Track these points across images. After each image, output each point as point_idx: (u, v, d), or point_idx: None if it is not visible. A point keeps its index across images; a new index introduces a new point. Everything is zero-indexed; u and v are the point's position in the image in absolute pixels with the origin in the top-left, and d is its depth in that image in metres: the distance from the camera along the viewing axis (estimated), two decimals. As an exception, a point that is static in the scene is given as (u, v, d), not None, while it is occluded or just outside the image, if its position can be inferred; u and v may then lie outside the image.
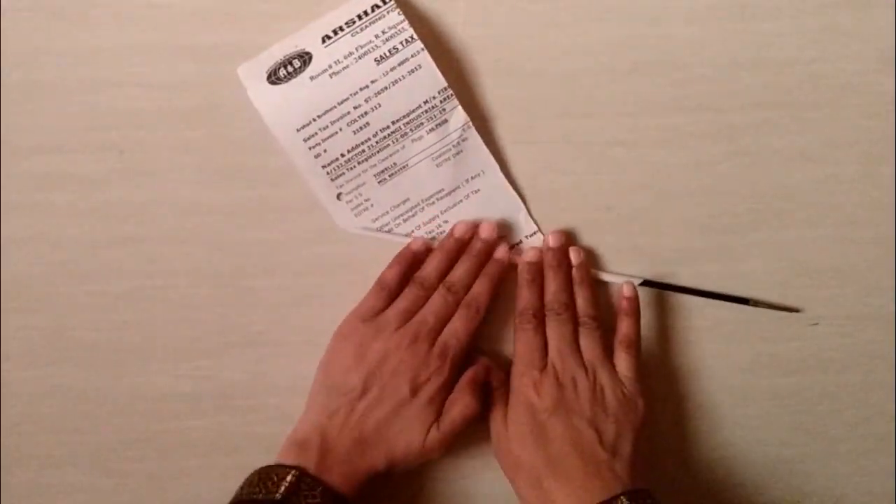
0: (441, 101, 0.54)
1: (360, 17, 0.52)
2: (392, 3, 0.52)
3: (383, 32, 0.52)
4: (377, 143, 0.54)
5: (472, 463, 0.55)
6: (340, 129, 0.53)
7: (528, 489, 0.49)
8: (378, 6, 0.52)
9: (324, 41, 0.53)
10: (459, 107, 0.54)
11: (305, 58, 0.53)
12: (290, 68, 0.53)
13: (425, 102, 0.54)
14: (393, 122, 0.54)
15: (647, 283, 0.54)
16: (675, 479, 0.55)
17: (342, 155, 0.54)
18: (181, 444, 0.54)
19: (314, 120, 0.53)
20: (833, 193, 0.55)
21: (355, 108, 0.53)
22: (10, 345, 0.54)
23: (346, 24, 0.52)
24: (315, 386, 0.52)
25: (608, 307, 0.54)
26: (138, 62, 0.54)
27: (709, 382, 0.55)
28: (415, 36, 0.52)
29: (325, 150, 0.53)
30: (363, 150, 0.54)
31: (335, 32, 0.53)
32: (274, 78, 0.52)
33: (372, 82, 0.53)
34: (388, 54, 0.53)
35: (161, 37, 0.54)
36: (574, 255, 0.53)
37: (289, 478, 0.46)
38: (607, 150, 0.55)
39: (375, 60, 0.53)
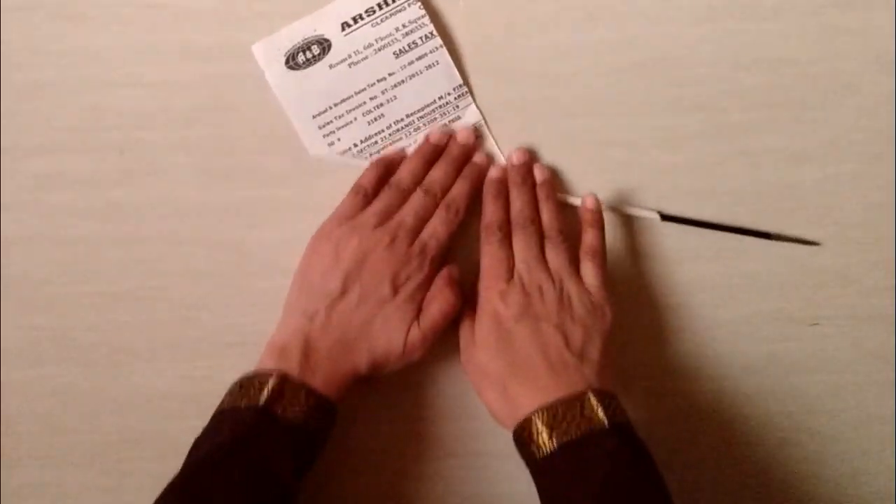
0: (456, 98, 0.54)
1: (379, 7, 0.53)
2: None
3: (403, 26, 0.53)
4: (391, 135, 0.54)
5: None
6: (355, 119, 0.54)
7: (494, 395, 0.48)
8: None
9: (343, 28, 0.53)
10: (473, 104, 0.54)
11: (325, 45, 0.53)
12: (308, 54, 0.53)
13: (440, 98, 0.54)
14: (407, 116, 0.54)
15: (665, 217, 0.54)
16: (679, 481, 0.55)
17: (355, 145, 0.54)
18: (181, 444, 0.54)
19: (330, 108, 0.54)
20: (833, 193, 0.55)
21: (371, 98, 0.54)
22: (10, 345, 0.54)
23: (366, 12, 0.53)
24: (292, 292, 0.51)
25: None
26: (138, 62, 0.54)
27: (709, 383, 0.55)
28: (434, 32, 0.53)
29: (338, 139, 0.54)
30: (376, 142, 0.54)
31: (355, 21, 0.53)
32: (292, 63, 0.53)
33: (389, 75, 0.53)
34: (407, 48, 0.53)
35: (161, 37, 0.54)
36: (538, 173, 0.53)
37: (271, 382, 0.46)
38: (607, 150, 0.55)
39: (394, 54, 0.53)
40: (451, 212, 0.52)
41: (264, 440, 0.44)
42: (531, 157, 0.54)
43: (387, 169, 0.53)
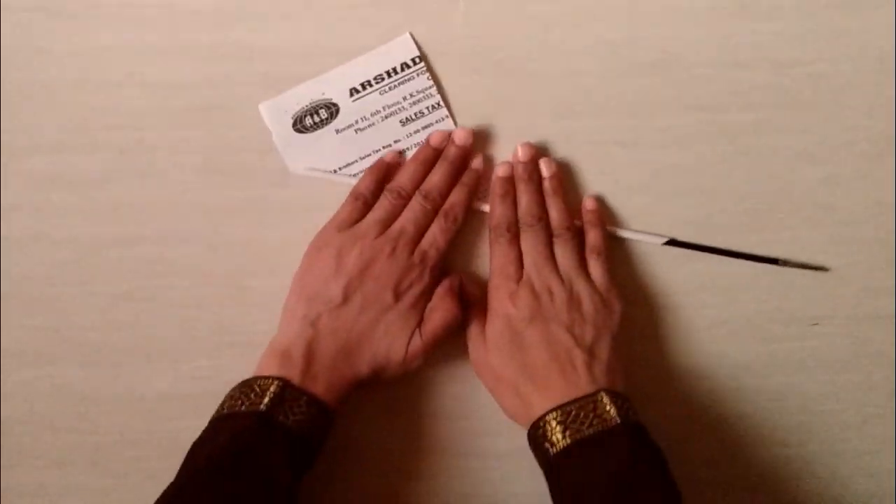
0: None
1: (388, 75, 0.54)
2: (422, 65, 0.54)
3: (411, 95, 0.54)
4: None
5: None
6: None
7: (508, 398, 0.50)
8: (408, 66, 0.54)
9: (351, 94, 0.54)
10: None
11: (332, 109, 0.54)
12: (316, 118, 0.54)
13: None
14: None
15: (671, 241, 0.54)
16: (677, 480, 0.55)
17: None
18: (181, 444, 0.54)
19: (335, 171, 0.54)
20: (833, 193, 0.55)
21: None
22: (10, 345, 0.54)
23: (375, 79, 0.54)
24: (291, 298, 0.51)
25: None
26: (138, 62, 0.54)
27: (709, 383, 0.55)
28: (441, 102, 0.54)
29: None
30: None
31: (363, 87, 0.54)
32: (300, 126, 0.54)
33: (395, 142, 0.54)
34: (414, 117, 0.54)
35: (161, 37, 0.54)
36: (545, 167, 0.53)
37: (272, 388, 0.46)
38: (607, 150, 0.55)
39: (401, 122, 0.54)
40: (449, 220, 0.52)
41: (264, 446, 0.45)
42: (537, 151, 0.54)
43: (385, 174, 0.53)
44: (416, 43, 0.54)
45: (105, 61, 0.54)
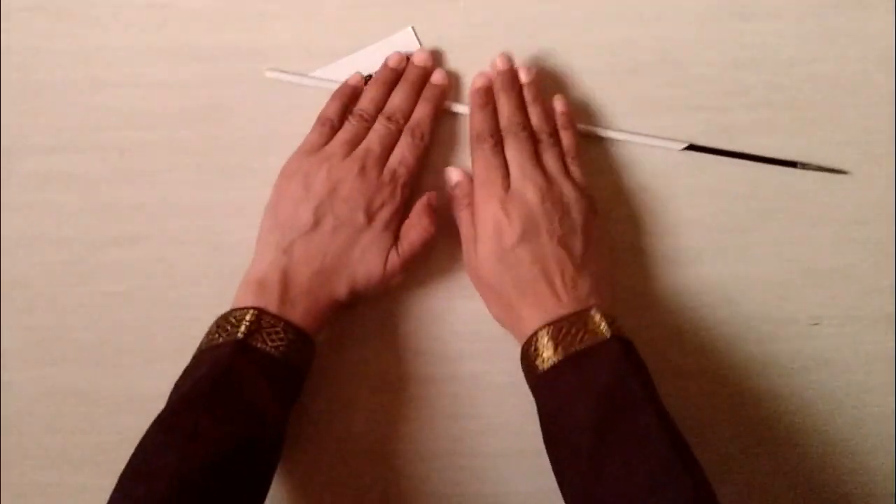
0: None
1: None
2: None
3: None
4: None
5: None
6: None
7: (499, 309, 0.50)
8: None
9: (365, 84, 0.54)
10: None
11: None
12: None
13: None
14: None
15: (691, 146, 0.54)
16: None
17: None
18: (181, 444, 0.54)
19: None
20: (833, 193, 0.55)
21: None
22: (10, 345, 0.54)
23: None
24: (264, 227, 0.51)
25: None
26: (138, 62, 0.54)
27: (709, 383, 0.55)
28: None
29: None
30: None
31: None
32: None
33: None
34: None
35: (161, 37, 0.54)
36: (524, 74, 0.53)
37: (248, 317, 0.46)
38: (607, 150, 0.55)
39: None
40: (416, 136, 0.52)
41: (243, 372, 0.45)
42: (514, 62, 0.53)
43: (350, 97, 0.53)
44: (417, 37, 0.54)
45: (105, 61, 0.54)
